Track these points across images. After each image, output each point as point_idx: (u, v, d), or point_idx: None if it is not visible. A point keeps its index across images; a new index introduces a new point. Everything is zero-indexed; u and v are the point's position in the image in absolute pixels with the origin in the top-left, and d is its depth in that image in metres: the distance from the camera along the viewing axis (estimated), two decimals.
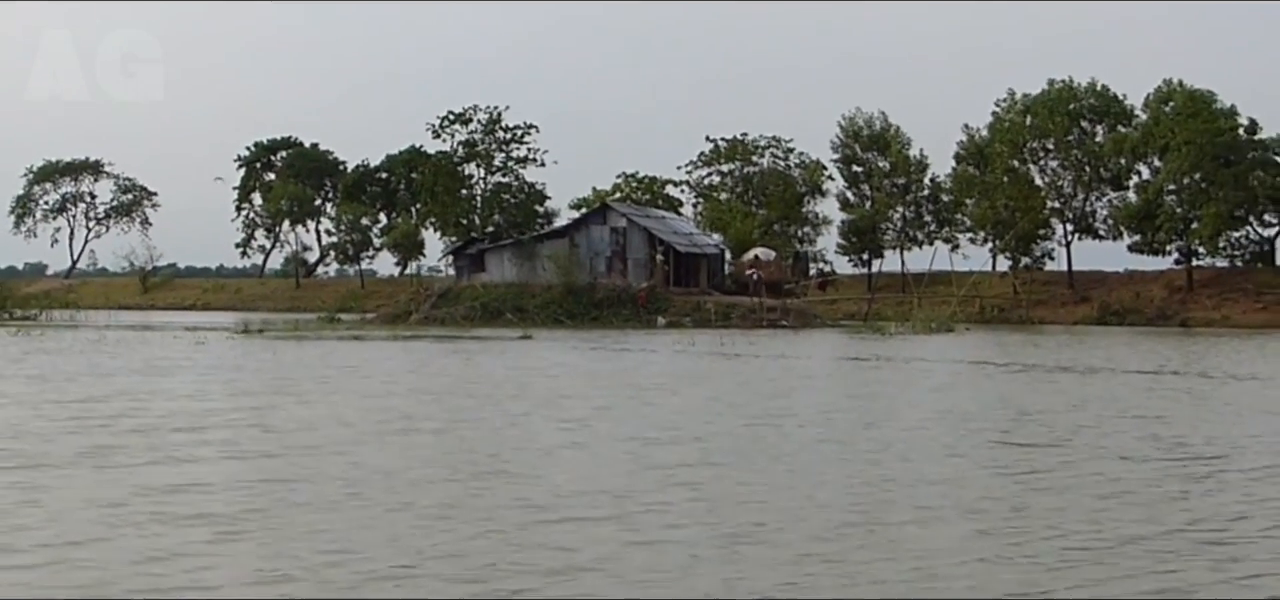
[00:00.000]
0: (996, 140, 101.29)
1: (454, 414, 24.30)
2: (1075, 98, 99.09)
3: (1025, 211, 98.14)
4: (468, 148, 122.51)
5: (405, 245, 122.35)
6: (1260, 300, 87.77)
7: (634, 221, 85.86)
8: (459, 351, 47.46)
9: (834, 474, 17.06)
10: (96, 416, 22.72)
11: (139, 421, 22.01)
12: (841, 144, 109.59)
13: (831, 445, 20.21)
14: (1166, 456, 19.24)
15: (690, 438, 20.81)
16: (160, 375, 33.10)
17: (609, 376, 35.57)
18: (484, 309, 78.95)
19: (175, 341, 52.54)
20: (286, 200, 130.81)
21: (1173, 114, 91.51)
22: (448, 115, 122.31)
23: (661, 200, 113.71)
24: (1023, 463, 18.41)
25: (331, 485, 15.30)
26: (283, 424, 22.03)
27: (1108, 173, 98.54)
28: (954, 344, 56.99)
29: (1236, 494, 15.81)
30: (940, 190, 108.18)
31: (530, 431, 21.62)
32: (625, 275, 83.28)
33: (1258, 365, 43.27)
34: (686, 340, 56.56)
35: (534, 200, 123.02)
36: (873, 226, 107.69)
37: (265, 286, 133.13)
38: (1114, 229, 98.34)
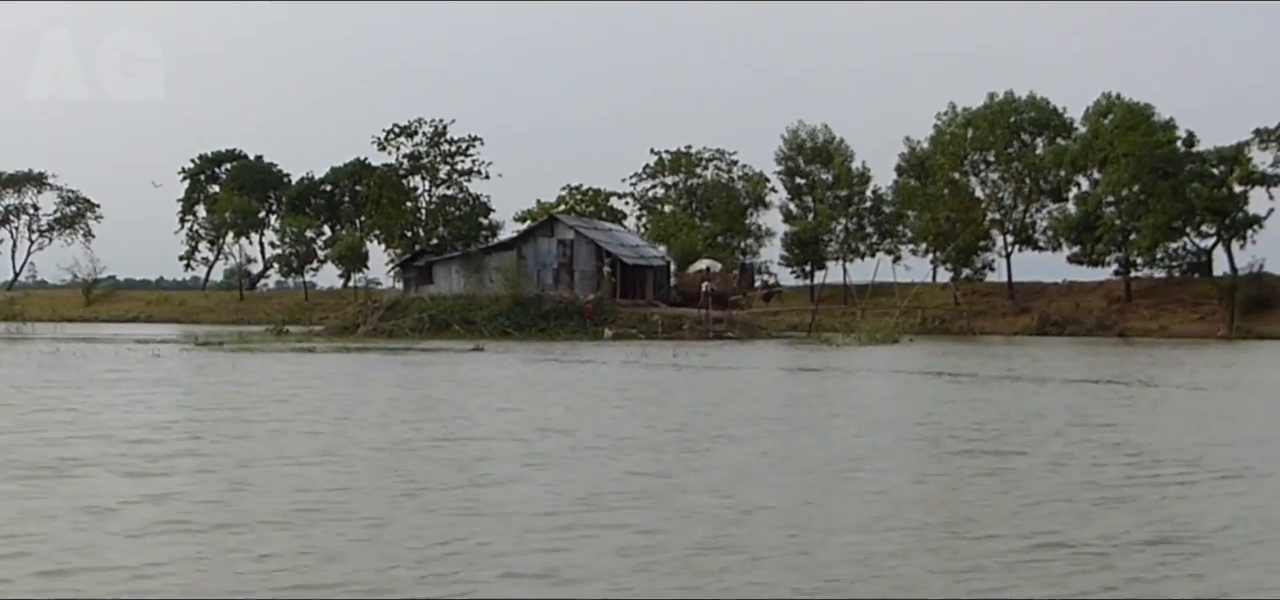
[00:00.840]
0: (938, 153, 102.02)
1: (440, 429, 24.53)
2: (1015, 110, 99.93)
3: (966, 223, 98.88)
4: (413, 160, 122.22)
5: (349, 258, 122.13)
6: (1197, 310, 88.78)
7: (581, 234, 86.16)
8: (414, 364, 47.60)
9: (809, 483, 17.42)
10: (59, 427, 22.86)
11: (112, 434, 22.17)
12: (785, 156, 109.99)
13: (800, 453, 20.60)
14: (1135, 464, 19.69)
15: (663, 447, 21.14)
16: (136, 389, 33.15)
17: (570, 386, 35.84)
18: (432, 321, 78.89)
19: (129, 354, 52.44)
20: (230, 212, 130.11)
21: (1112, 127, 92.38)
22: (393, 128, 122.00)
23: (606, 212, 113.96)
24: (996, 470, 18.81)
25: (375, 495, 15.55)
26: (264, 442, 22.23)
27: (1047, 185, 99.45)
28: (901, 355, 57.54)
29: (1213, 501, 16.27)
30: (882, 202, 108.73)
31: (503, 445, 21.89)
32: (572, 287, 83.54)
33: (1201, 374, 43.93)
34: (638, 352, 56.85)
35: (479, 212, 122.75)
36: (815, 238, 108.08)
37: (209, 299, 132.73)
38: (1053, 240, 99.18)
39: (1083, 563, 12.25)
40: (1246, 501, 16.46)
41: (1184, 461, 20.17)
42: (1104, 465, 19.52)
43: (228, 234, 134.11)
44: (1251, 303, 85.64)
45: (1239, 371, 46.81)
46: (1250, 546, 13.40)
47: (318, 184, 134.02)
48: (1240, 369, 48.66)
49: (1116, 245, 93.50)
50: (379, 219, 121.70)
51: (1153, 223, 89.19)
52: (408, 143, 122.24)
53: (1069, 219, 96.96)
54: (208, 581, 11.31)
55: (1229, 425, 26.94)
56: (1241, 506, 15.94)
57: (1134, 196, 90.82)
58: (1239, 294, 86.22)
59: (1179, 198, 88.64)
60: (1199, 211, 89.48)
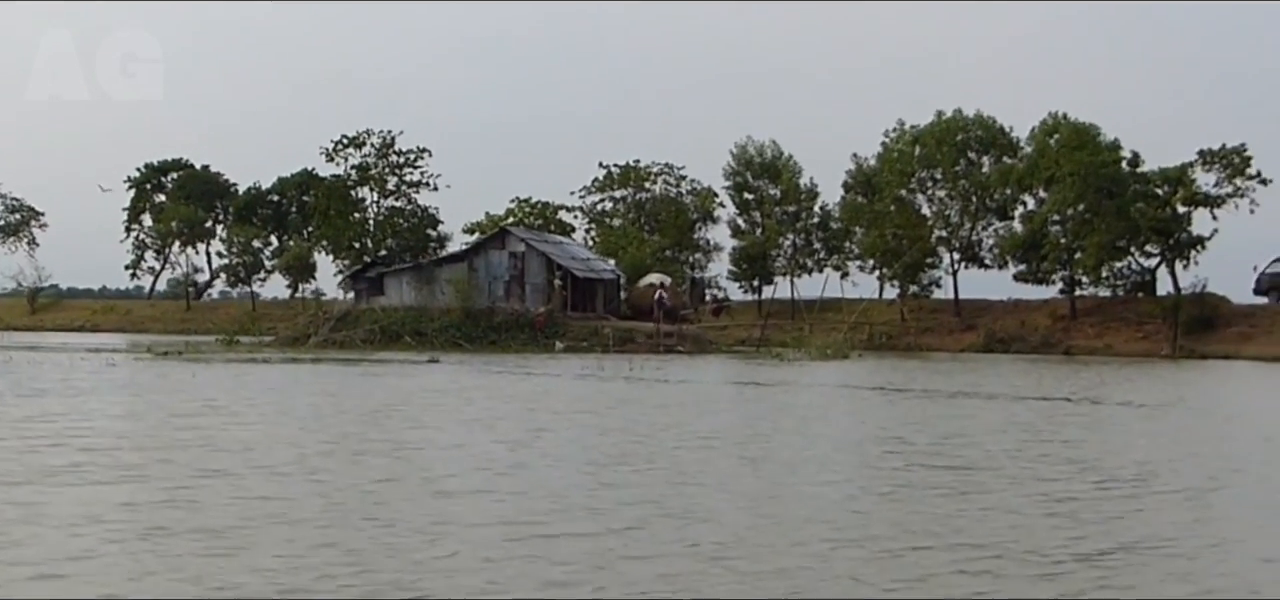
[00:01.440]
0: (885, 170, 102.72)
1: (403, 438, 25.07)
2: (963, 129, 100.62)
3: (913, 241, 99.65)
4: (361, 171, 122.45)
5: (297, 268, 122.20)
6: (1141, 329, 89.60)
7: (532, 246, 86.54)
8: (372, 375, 48.02)
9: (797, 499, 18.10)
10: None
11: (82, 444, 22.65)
12: (733, 172, 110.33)
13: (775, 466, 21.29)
14: (1093, 480, 20.46)
15: (639, 460, 21.79)
16: (92, 397, 33.52)
17: (533, 399, 36.39)
18: (383, 332, 79.15)
19: (83, 363, 52.68)
20: (177, 222, 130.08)
21: (1058, 146, 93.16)
22: (341, 139, 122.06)
23: (554, 225, 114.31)
24: (959, 484, 19.53)
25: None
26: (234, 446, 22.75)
27: (994, 203, 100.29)
28: (852, 370, 58.17)
29: (1174, 514, 17.05)
30: (830, 218, 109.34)
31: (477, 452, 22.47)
32: (524, 300, 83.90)
33: (1148, 393, 44.78)
34: (593, 365, 57.38)
35: (427, 224, 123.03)
36: (763, 253, 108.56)
37: (155, 308, 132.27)
38: (1000, 258, 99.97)
39: (1053, 568, 12.99)
40: (1203, 514, 17.26)
41: (1140, 477, 20.98)
42: (1064, 481, 20.30)
43: (174, 243, 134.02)
44: (1194, 322, 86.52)
45: (1183, 390, 47.68)
46: (1209, 552, 14.16)
47: (264, 194, 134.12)
48: (1184, 388, 49.57)
49: (1062, 264, 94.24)
50: (327, 230, 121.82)
51: (1098, 242, 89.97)
52: (356, 154, 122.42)
53: (1015, 237, 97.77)
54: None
55: (1180, 443, 27.78)
56: (1197, 518, 16.73)
57: (1079, 216, 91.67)
58: (1182, 314, 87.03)
59: (1124, 217, 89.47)
60: (1143, 231, 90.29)
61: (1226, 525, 16.77)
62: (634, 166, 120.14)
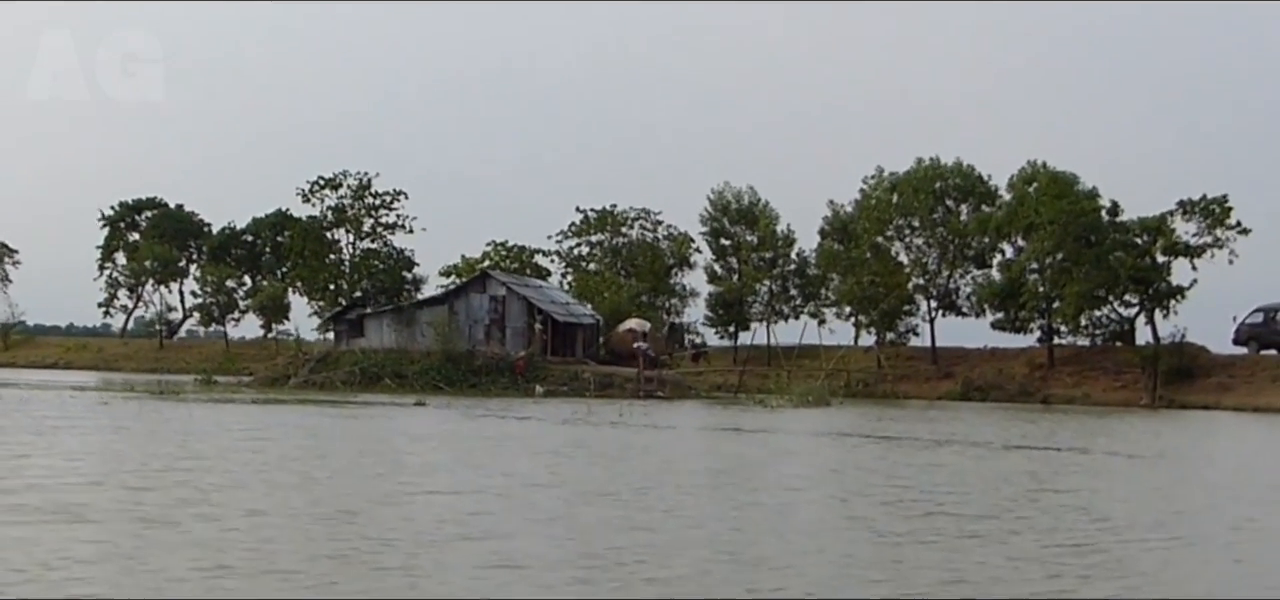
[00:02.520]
0: (862, 217, 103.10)
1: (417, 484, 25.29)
2: (941, 176, 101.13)
3: (890, 288, 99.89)
4: (336, 212, 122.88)
5: (271, 308, 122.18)
6: (1119, 379, 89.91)
7: (513, 290, 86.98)
8: (361, 417, 48.20)
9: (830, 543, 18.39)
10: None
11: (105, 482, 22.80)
12: (710, 217, 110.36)
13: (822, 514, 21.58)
14: (1100, 528, 20.81)
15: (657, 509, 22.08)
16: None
17: (523, 442, 36.61)
18: (363, 374, 79.42)
19: (72, 401, 52.74)
20: (151, 260, 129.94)
21: (1037, 194, 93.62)
22: (317, 180, 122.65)
23: (531, 269, 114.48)
24: (973, 532, 19.84)
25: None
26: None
27: (971, 251, 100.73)
28: (835, 418, 58.36)
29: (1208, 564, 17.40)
30: (807, 264, 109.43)
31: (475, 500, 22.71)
32: (504, 343, 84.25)
33: (1132, 443, 45.11)
34: (581, 409, 57.51)
35: (403, 266, 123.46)
36: (740, 299, 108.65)
37: (128, 346, 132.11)
38: (977, 306, 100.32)
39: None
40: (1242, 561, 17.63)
41: (1140, 525, 21.36)
42: (1066, 528, 20.66)
43: (148, 282, 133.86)
44: (1173, 372, 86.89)
45: (1168, 440, 48.13)
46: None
47: (238, 234, 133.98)
48: (1170, 438, 50.01)
49: (1040, 312, 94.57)
50: (302, 270, 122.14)
51: (1076, 290, 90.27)
52: (332, 195, 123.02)
53: (993, 286, 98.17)
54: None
55: (1173, 492, 28.18)
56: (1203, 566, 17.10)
57: (1058, 264, 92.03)
58: (1161, 363, 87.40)
59: (1103, 266, 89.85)
60: (1123, 280, 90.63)
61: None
62: (611, 211, 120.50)
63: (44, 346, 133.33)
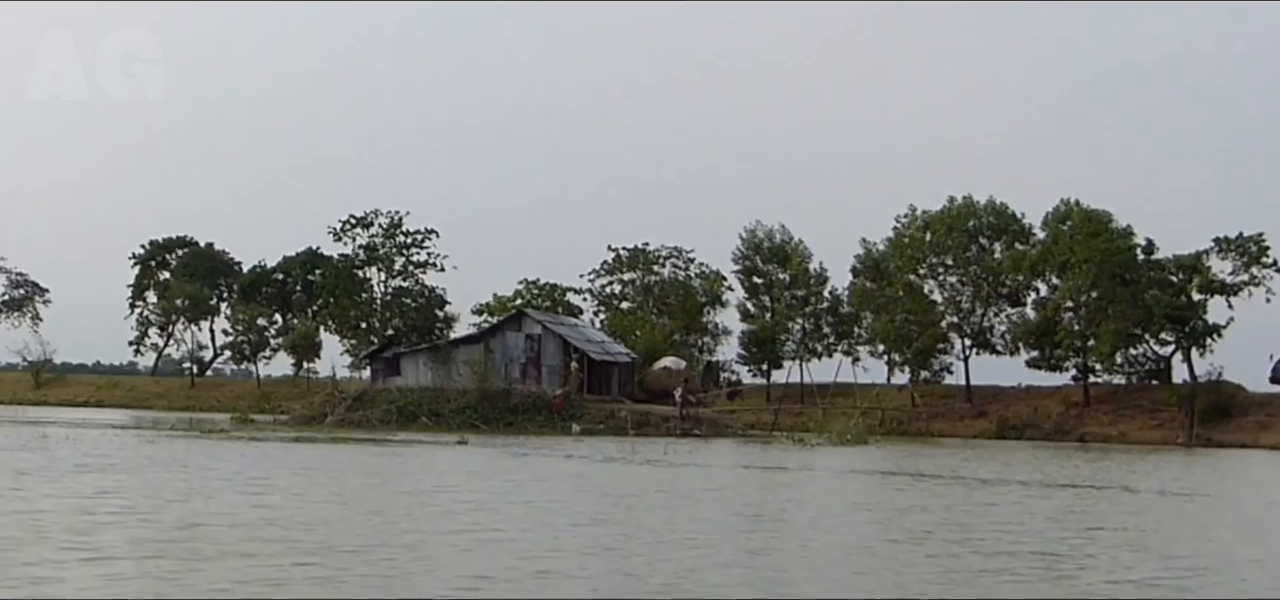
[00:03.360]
0: (896, 255, 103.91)
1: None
2: (974, 215, 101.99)
3: (924, 326, 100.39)
4: (368, 251, 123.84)
5: (302, 347, 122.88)
6: (1155, 417, 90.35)
7: (549, 329, 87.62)
8: (411, 456, 48.73)
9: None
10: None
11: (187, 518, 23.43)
12: (742, 255, 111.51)
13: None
14: (1174, 569, 21.31)
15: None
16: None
17: (589, 481, 37.11)
18: (400, 412, 79.77)
19: (118, 438, 53.31)
20: (183, 299, 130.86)
21: (1071, 233, 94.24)
22: (349, 219, 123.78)
23: (562, 307, 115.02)
24: (1056, 575, 20.36)
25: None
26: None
27: (1005, 289, 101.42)
28: (876, 456, 58.48)
29: None
30: (840, 302, 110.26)
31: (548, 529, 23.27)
32: (540, 381, 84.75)
33: (1181, 481, 45.55)
34: (627, 448, 57.84)
35: (434, 304, 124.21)
36: (773, 337, 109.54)
37: (160, 385, 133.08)
38: (1011, 344, 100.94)
39: None
40: None
41: (1216, 565, 21.86)
42: (1125, 565, 21.24)
43: (179, 320, 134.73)
44: (1210, 410, 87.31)
45: (1214, 480, 48.50)
46: None
47: (269, 272, 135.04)
48: (1212, 477, 50.38)
49: (1075, 351, 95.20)
50: (333, 309, 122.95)
51: (1112, 329, 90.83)
52: (363, 234, 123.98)
53: (1028, 324, 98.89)
54: None
55: (1228, 530, 28.68)
56: None
57: (1093, 303, 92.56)
58: (1198, 402, 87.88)
59: (1138, 305, 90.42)
60: (1158, 318, 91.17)
61: None
62: (643, 250, 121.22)
63: (75, 385, 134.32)
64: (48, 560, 17.89)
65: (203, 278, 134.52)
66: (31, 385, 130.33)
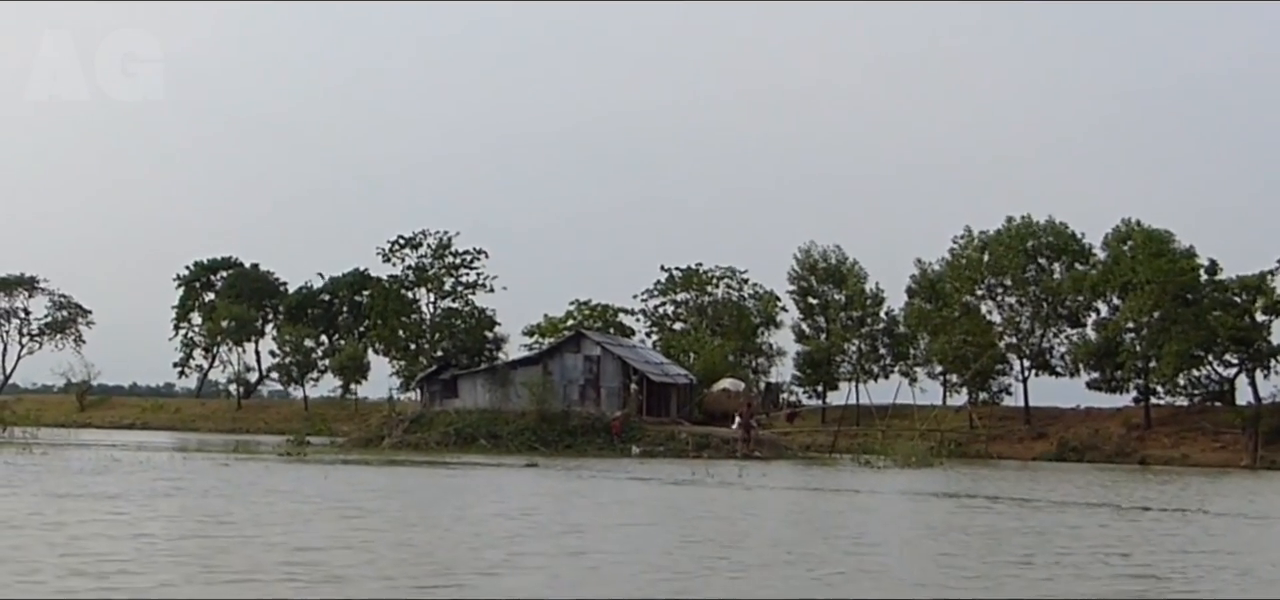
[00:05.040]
0: (953, 276, 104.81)
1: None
2: (1033, 235, 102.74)
3: (982, 347, 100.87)
4: (417, 272, 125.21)
5: (350, 368, 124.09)
6: (1218, 439, 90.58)
7: (608, 350, 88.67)
8: (487, 479, 49.65)
9: None
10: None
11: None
12: (797, 276, 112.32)
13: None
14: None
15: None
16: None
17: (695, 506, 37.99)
18: (458, 434, 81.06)
19: (186, 463, 54.30)
20: (228, 320, 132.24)
21: (1132, 253, 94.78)
22: (398, 239, 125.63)
23: (614, 328, 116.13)
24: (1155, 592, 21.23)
25: None
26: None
27: (1065, 310, 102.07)
28: (944, 479, 58.98)
29: None
30: (896, 323, 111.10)
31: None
32: (598, 404, 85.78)
33: (1257, 503, 46.03)
34: (701, 470, 58.29)
35: (484, 326, 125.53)
36: (828, 358, 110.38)
37: (206, 407, 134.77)
38: (1071, 366, 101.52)
39: None
40: None
41: None
42: (1233, 586, 22.07)
43: (226, 342, 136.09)
44: (1275, 432, 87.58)
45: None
46: None
47: (316, 294, 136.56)
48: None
49: (1137, 372, 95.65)
50: (382, 331, 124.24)
51: (1175, 350, 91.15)
52: (412, 254, 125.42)
53: (1088, 345, 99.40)
54: None
55: None
56: None
57: (1155, 323, 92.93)
58: (1262, 423, 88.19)
59: (1201, 326, 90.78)
60: (1222, 339, 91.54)
61: None
62: (696, 270, 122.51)
63: (120, 408, 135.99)
64: (183, 582, 18.80)
65: (248, 299, 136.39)
66: (76, 408, 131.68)
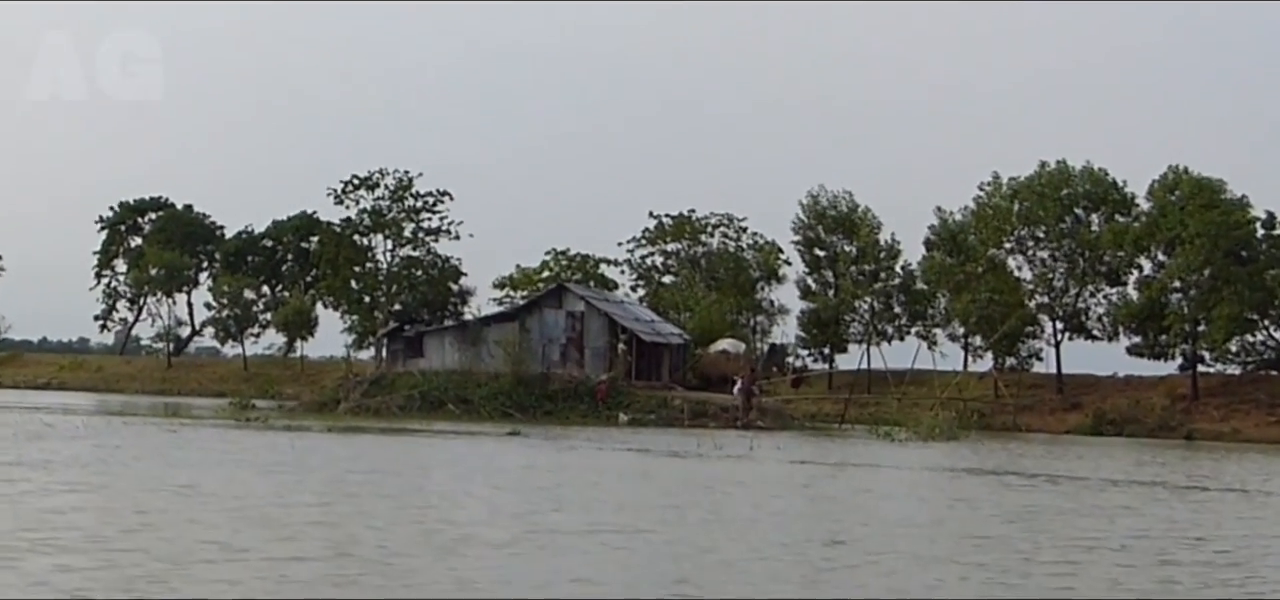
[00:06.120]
0: (978, 226, 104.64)
1: None
2: (1069, 182, 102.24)
3: (1010, 307, 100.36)
4: (373, 216, 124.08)
5: (295, 323, 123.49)
6: (1273, 413, 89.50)
7: (593, 305, 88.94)
8: (476, 448, 50.04)
9: None
10: None
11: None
12: (802, 225, 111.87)
13: None
14: None
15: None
16: None
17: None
18: (423, 398, 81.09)
19: (134, 426, 54.58)
20: (157, 268, 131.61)
21: (1180, 204, 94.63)
22: (351, 179, 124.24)
23: (596, 281, 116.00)
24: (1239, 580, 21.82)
25: None
26: None
27: (1104, 266, 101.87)
28: (976, 453, 59.02)
29: None
30: (913, 279, 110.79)
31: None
32: (582, 365, 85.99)
33: None
34: (707, 442, 57.79)
35: (448, 277, 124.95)
36: (836, 318, 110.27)
37: (131, 365, 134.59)
38: (1110, 329, 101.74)
39: None
40: None
41: None
42: None
43: (153, 292, 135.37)
44: None
45: None
46: None
47: (257, 239, 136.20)
48: None
49: (1184, 337, 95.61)
50: (333, 281, 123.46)
51: (1226, 313, 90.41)
52: (367, 196, 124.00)
53: (1130, 306, 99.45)
54: None
55: None
56: None
57: (1205, 282, 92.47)
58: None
59: (1256, 286, 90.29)
60: (1279, 301, 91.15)
61: None
62: (689, 217, 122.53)
63: (34, 365, 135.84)
64: (206, 557, 19.53)
65: (180, 244, 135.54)
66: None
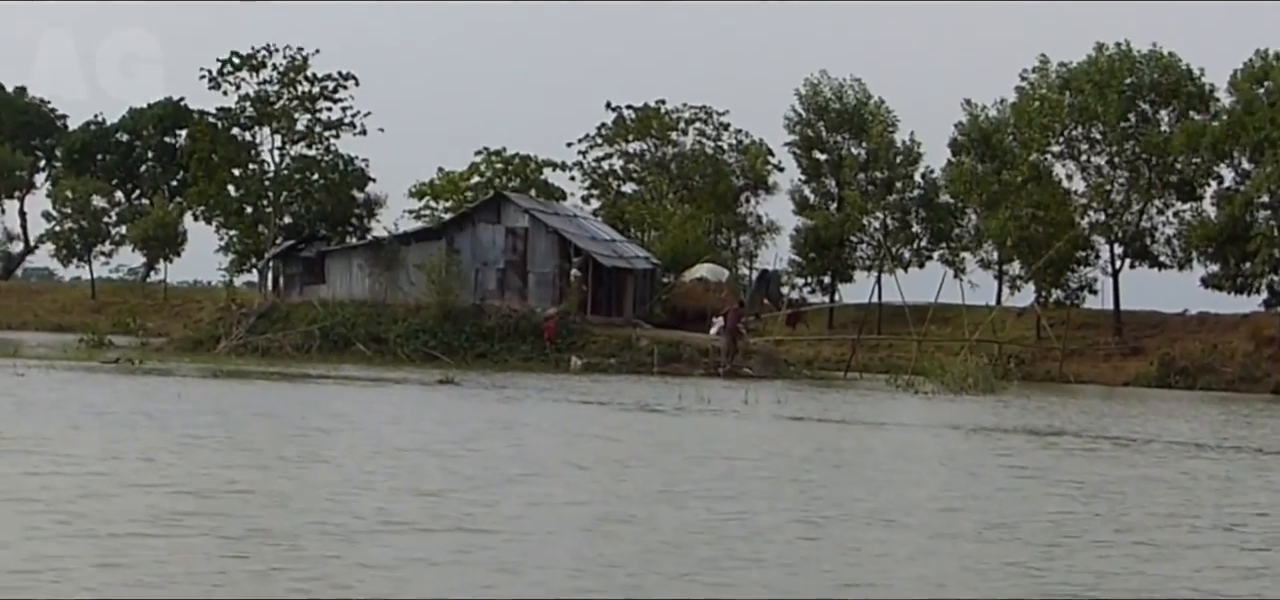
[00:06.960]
0: (1019, 124, 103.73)
1: None
2: (1132, 70, 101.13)
3: (1057, 226, 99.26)
4: (258, 104, 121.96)
5: (157, 239, 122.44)
6: None
7: (539, 220, 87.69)
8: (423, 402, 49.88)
9: None
10: None
11: None
12: (799, 121, 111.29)
13: None
14: None
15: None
16: None
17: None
18: (325, 336, 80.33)
19: None
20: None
21: (1269, 98, 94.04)
22: (231, 59, 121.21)
23: (538, 189, 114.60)
24: None
25: None
26: None
27: (1175, 176, 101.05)
28: (1024, 410, 58.60)
29: None
30: (936, 190, 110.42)
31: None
32: (525, 295, 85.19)
33: None
34: (693, 393, 57.18)
35: (352, 182, 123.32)
36: (841, 238, 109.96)
37: None
38: (1181, 256, 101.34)
39: None
40: None
41: None
42: None
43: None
44: None
45: None
46: None
47: (109, 131, 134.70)
48: None
49: (1273, 265, 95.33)
50: (207, 187, 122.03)
51: None
52: (251, 79, 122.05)
53: (1207, 226, 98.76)
54: None
55: None
56: None
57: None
58: None
59: None
60: None
61: None
62: (656, 109, 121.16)
63: None
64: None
65: (12, 138, 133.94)
66: None
